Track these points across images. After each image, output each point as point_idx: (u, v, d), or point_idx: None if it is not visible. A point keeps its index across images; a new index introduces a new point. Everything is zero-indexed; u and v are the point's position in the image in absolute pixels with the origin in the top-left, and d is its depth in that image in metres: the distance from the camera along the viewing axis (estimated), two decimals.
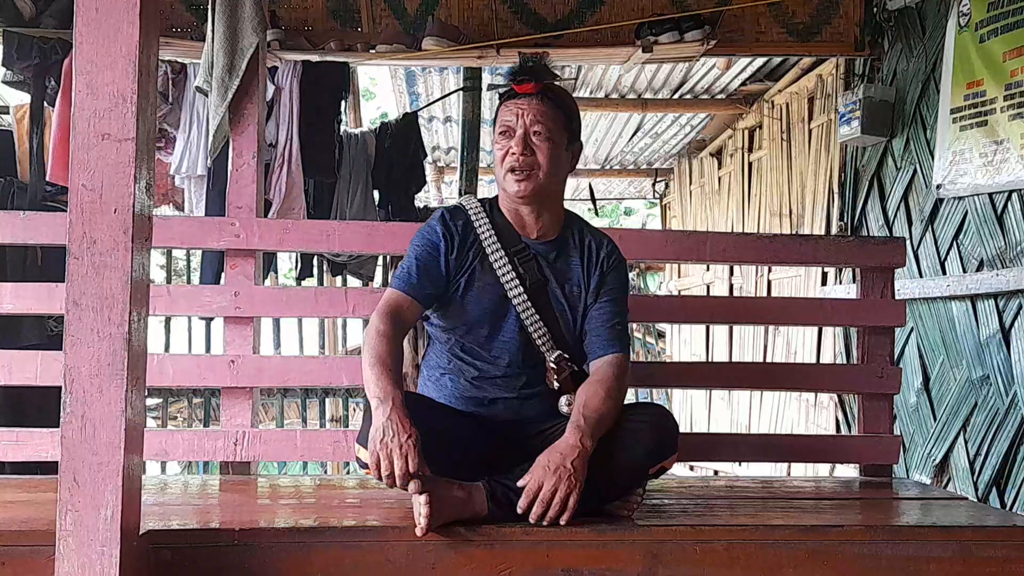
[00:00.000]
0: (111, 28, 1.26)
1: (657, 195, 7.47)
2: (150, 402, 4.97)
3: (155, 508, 1.61)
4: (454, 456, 1.58)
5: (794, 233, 4.37)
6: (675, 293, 6.54)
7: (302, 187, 3.71)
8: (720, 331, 5.58)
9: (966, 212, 3.05)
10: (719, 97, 5.25)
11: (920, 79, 3.36)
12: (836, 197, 4.03)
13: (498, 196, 1.79)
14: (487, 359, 1.71)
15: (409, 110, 4.86)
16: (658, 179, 7.21)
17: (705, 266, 5.80)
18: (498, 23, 3.51)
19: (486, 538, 1.47)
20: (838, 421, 3.96)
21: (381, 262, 4.43)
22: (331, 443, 2.12)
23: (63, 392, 1.24)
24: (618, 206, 11.66)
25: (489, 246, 1.71)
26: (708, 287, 5.91)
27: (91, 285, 1.25)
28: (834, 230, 4.00)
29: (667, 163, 7.01)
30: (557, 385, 1.69)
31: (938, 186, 3.16)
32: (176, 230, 2.19)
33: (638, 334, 6.91)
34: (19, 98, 3.86)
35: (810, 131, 4.41)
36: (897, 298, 2.23)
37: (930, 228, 3.26)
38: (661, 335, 7.16)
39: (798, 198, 4.51)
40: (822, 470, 3.76)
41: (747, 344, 5.09)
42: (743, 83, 5.00)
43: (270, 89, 3.56)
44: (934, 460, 3.18)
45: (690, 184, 6.54)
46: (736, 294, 5.33)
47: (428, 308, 1.72)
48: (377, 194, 4.18)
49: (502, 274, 1.70)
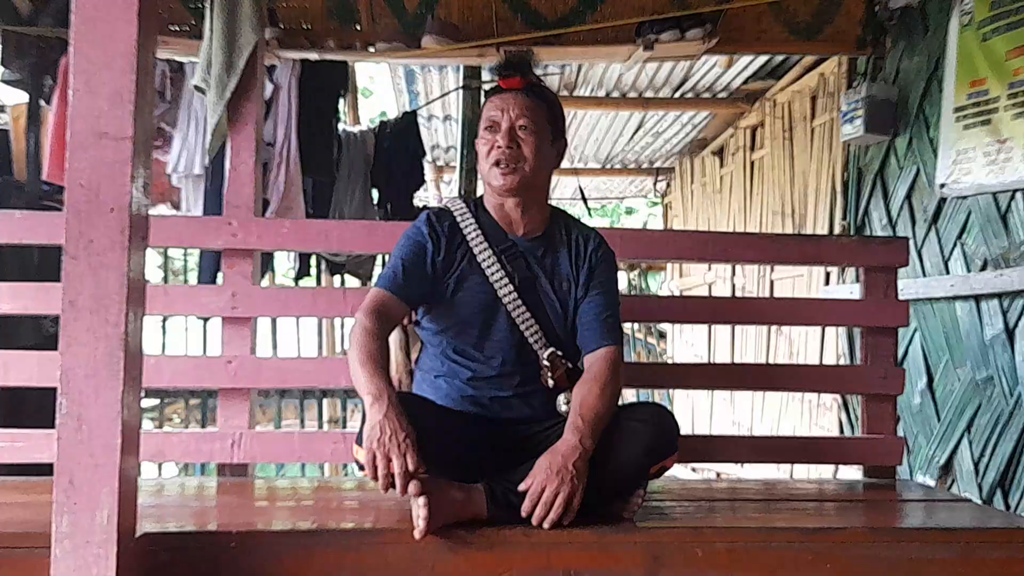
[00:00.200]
0: (108, 26, 1.25)
1: (658, 194, 7.45)
2: (146, 403, 4.96)
3: (152, 510, 1.60)
4: (453, 457, 1.56)
5: (796, 233, 4.36)
6: (677, 293, 6.53)
7: (300, 186, 3.70)
8: (722, 331, 5.57)
9: (970, 211, 3.04)
10: (721, 96, 5.24)
11: (923, 78, 3.35)
12: (839, 196, 4.01)
13: (483, 195, 1.78)
14: (480, 359, 1.70)
15: (408, 109, 4.84)
16: (659, 178, 7.20)
17: (707, 266, 5.79)
18: (498, 21, 3.49)
19: (486, 540, 1.45)
20: (841, 422, 3.95)
21: (380, 262, 4.42)
22: (329, 445, 2.11)
23: (59, 393, 1.22)
24: (619, 205, 11.65)
25: (476, 246, 1.70)
26: (710, 287, 5.89)
27: (87, 285, 1.23)
28: (837, 229, 3.99)
29: (668, 162, 7.00)
30: (552, 383, 1.68)
31: (941, 185, 3.14)
32: (173, 229, 2.18)
33: (639, 335, 6.90)
34: (16, 97, 3.85)
35: (812, 130, 4.40)
36: (900, 298, 2.22)
37: (933, 228, 3.24)
38: (662, 335, 7.14)
39: (800, 197, 4.50)
40: (825, 472, 3.74)
41: (749, 345, 5.08)
42: (745, 81, 4.99)
43: (268, 88, 3.54)
44: (938, 462, 3.17)
45: (691, 183, 6.53)
46: (738, 294, 5.32)
47: (413, 308, 1.72)
48: (376, 193, 4.16)
49: (490, 273, 1.69)
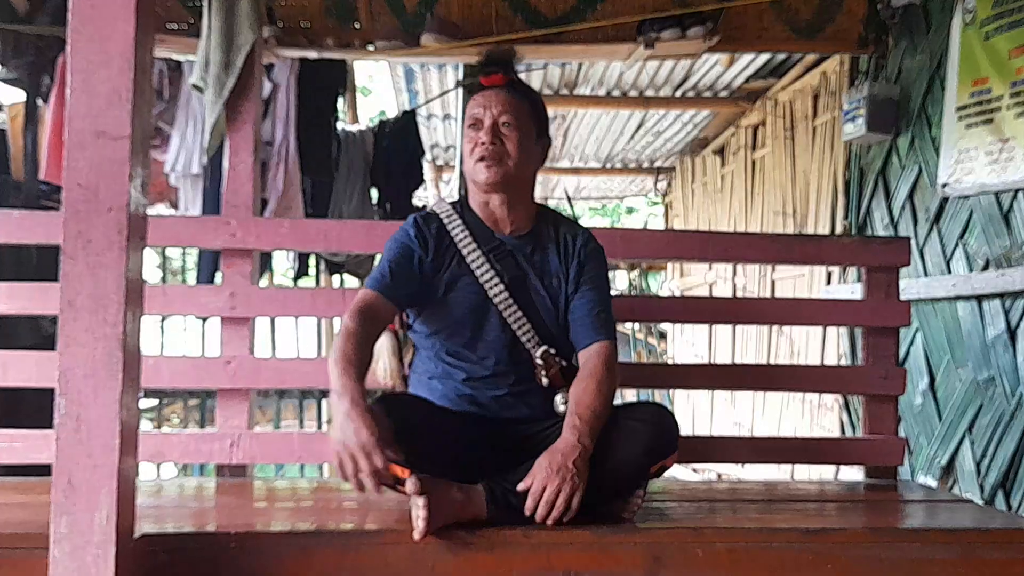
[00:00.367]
0: (106, 25, 1.24)
1: (659, 194, 7.45)
2: (145, 404, 4.96)
3: (150, 511, 1.59)
4: (452, 457, 1.56)
5: (798, 232, 4.35)
6: (677, 293, 6.52)
7: (299, 186, 3.69)
8: (723, 331, 5.57)
9: (972, 211, 3.03)
10: (722, 94, 5.23)
11: (925, 76, 3.34)
12: (840, 196, 4.00)
13: (468, 194, 1.77)
14: (473, 360, 1.69)
15: (408, 108, 4.83)
16: (660, 177, 7.19)
17: (707, 266, 5.78)
18: (497, 19, 3.49)
19: (486, 541, 1.45)
20: (842, 423, 3.94)
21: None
22: (328, 445, 2.09)
23: (57, 394, 1.22)
24: (619, 205, 11.65)
25: (465, 247, 1.70)
26: (711, 287, 5.89)
27: (86, 285, 1.23)
28: (838, 229, 3.98)
29: (669, 161, 6.99)
30: (546, 381, 1.68)
31: (943, 185, 3.14)
32: (172, 229, 2.17)
33: (639, 335, 6.89)
34: (13, 96, 3.85)
35: (814, 129, 4.39)
36: (902, 298, 2.21)
37: (935, 227, 3.24)
38: (663, 336, 7.14)
39: (802, 196, 4.49)
40: (826, 472, 3.74)
41: (750, 345, 5.07)
42: (746, 80, 4.98)
43: (267, 87, 3.53)
44: (939, 462, 3.16)
45: (692, 182, 6.52)
46: (739, 294, 5.31)
47: (402, 309, 1.71)
48: (375, 192, 4.16)
49: (480, 273, 1.68)
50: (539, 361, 1.68)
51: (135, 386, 1.29)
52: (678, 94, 5.20)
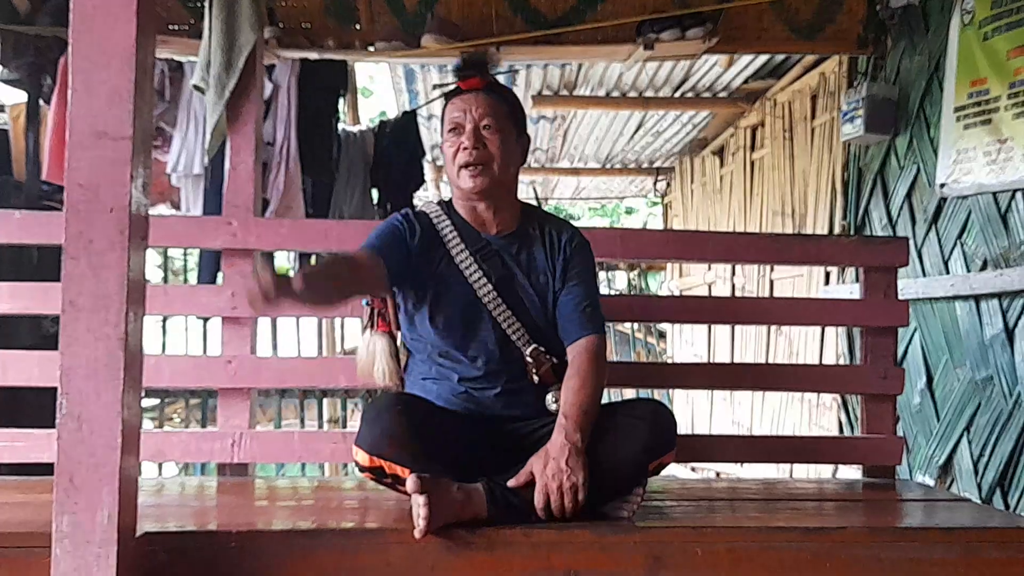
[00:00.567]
0: (107, 26, 1.24)
1: (658, 194, 7.45)
2: (146, 403, 4.97)
3: (152, 510, 1.59)
4: (452, 457, 1.56)
5: (797, 232, 4.35)
6: (676, 293, 6.52)
7: (300, 186, 3.69)
8: (722, 331, 5.57)
9: (970, 211, 3.04)
10: (721, 95, 5.23)
11: (923, 77, 3.35)
12: (839, 196, 4.01)
13: (452, 197, 1.78)
14: (465, 361, 1.70)
15: (408, 108, 4.84)
16: (659, 178, 7.20)
17: (707, 266, 5.79)
18: (498, 20, 3.49)
19: (486, 540, 1.45)
20: (840, 422, 3.95)
21: None
22: (329, 444, 2.10)
23: (59, 393, 1.22)
24: (619, 205, 11.65)
25: (453, 247, 1.71)
26: (710, 287, 5.89)
27: (87, 285, 1.23)
28: (837, 229, 3.99)
29: (668, 162, 7.00)
30: (537, 379, 1.69)
31: (942, 185, 3.14)
32: (173, 229, 2.18)
33: (639, 334, 6.90)
34: (15, 96, 3.85)
35: (813, 129, 4.39)
36: (900, 298, 2.22)
37: (934, 227, 3.24)
38: (662, 335, 7.15)
39: (801, 197, 4.49)
40: (825, 471, 3.74)
41: (749, 344, 5.08)
42: (745, 81, 4.99)
43: (268, 87, 3.54)
44: (937, 461, 3.17)
45: (692, 183, 6.53)
46: (738, 294, 5.32)
47: (388, 273, 1.65)
48: (376, 193, 4.16)
49: (468, 273, 1.69)
50: (529, 359, 1.69)
51: (136, 385, 1.29)
52: (677, 95, 5.21)
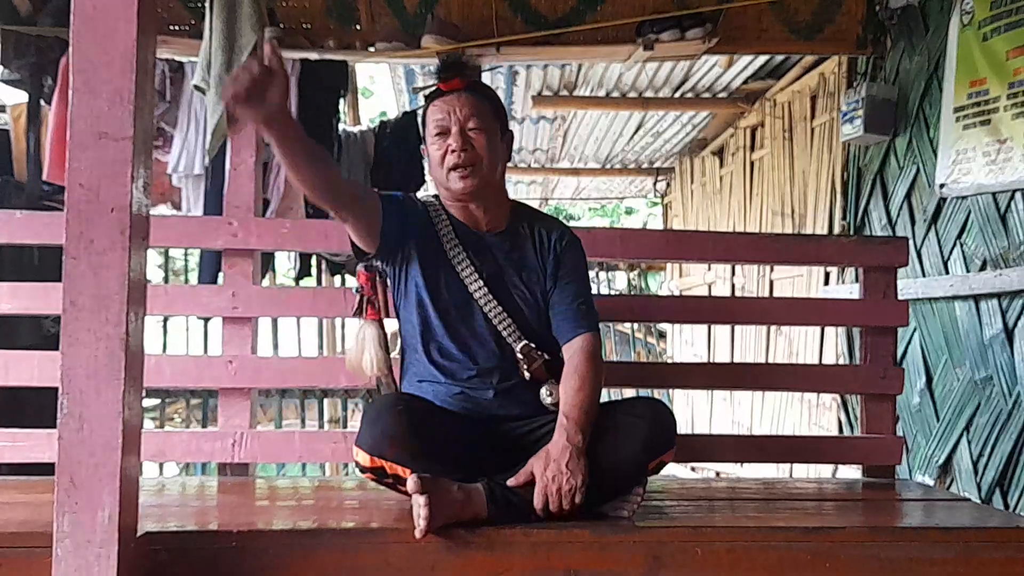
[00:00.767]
0: (108, 26, 1.24)
1: (658, 194, 7.46)
2: (147, 403, 4.97)
3: (153, 509, 1.60)
4: (452, 457, 1.57)
5: (796, 232, 4.35)
6: (676, 293, 6.53)
7: None
8: (722, 331, 5.57)
9: (969, 211, 3.04)
10: (720, 95, 5.24)
11: (923, 77, 3.35)
12: (838, 196, 4.01)
13: (439, 197, 1.78)
14: (458, 358, 1.71)
15: (408, 109, 4.84)
16: (659, 178, 7.20)
17: (707, 266, 5.79)
18: (498, 21, 3.49)
19: (486, 540, 1.46)
20: (840, 422, 3.95)
21: None
22: (330, 444, 2.11)
23: (60, 393, 1.22)
24: (619, 205, 11.65)
25: (447, 241, 1.71)
26: (710, 287, 5.90)
27: (88, 285, 1.23)
28: (836, 229, 3.99)
29: (668, 162, 7.00)
30: (528, 375, 1.69)
31: (941, 185, 3.14)
32: (174, 229, 2.18)
33: (639, 334, 6.90)
34: (16, 97, 3.85)
35: (812, 130, 4.40)
36: (900, 298, 2.22)
37: (933, 228, 3.24)
38: (662, 335, 7.15)
39: (800, 197, 4.50)
40: (824, 471, 3.74)
41: (749, 344, 5.08)
42: (745, 81, 4.99)
43: None
44: (937, 461, 3.17)
45: (691, 183, 6.53)
46: (738, 294, 5.32)
47: (381, 216, 1.66)
48: None
49: (460, 269, 1.70)
50: (519, 355, 1.69)
51: (137, 385, 1.29)
52: (677, 95, 5.21)
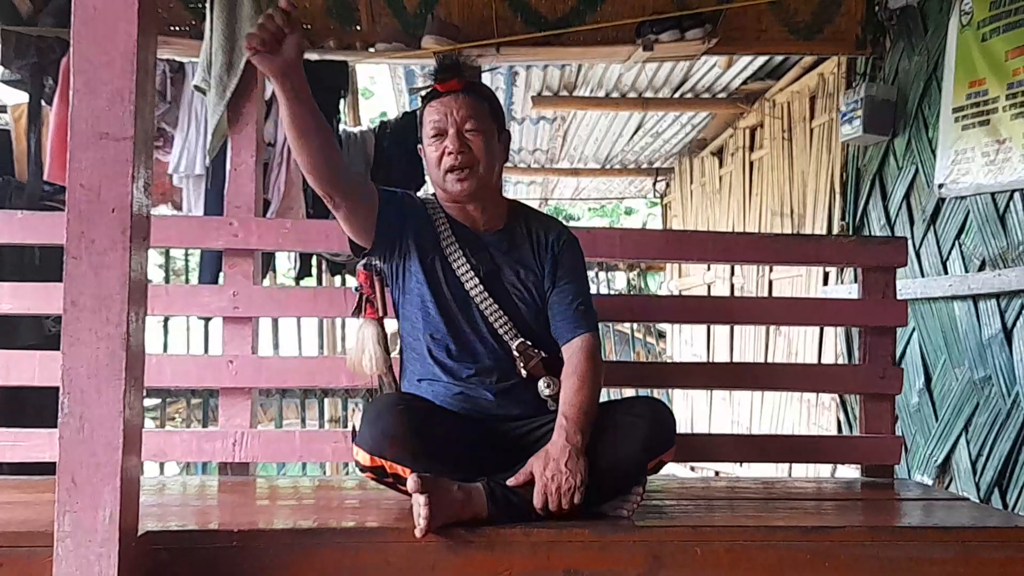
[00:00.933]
0: (109, 26, 1.25)
1: (658, 194, 7.46)
2: (148, 403, 4.97)
3: (153, 509, 1.60)
4: (452, 456, 1.57)
5: (795, 233, 4.36)
6: (676, 293, 6.53)
7: (301, 186, 3.69)
8: (721, 331, 5.57)
9: (968, 212, 3.04)
10: (720, 96, 5.24)
11: (922, 78, 3.35)
12: (838, 196, 4.02)
13: (436, 196, 1.78)
14: (456, 357, 1.71)
15: (408, 109, 4.84)
16: (659, 178, 7.20)
17: (706, 266, 5.79)
18: (498, 21, 3.49)
19: (486, 540, 1.46)
20: (839, 422, 3.95)
21: None
22: (330, 444, 2.11)
23: (61, 393, 1.23)
24: (619, 205, 11.66)
25: (445, 239, 1.72)
26: (709, 287, 5.90)
27: (89, 285, 1.24)
28: (835, 230, 3.99)
29: (668, 162, 7.00)
30: (525, 373, 1.69)
31: (940, 185, 3.15)
32: (174, 229, 2.19)
33: (639, 334, 6.90)
34: (17, 97, 3.85)
35: (811, 130, 4.40)
36: (899, 298, 2.23)
37: (932, 228, 3.25)
38: (662, 335, 7.15)
39: (799, 197, 4.50)
40: (823, 471, 3.75)
41: (748, 344, 5.08)
42: (744, 82, 4.99)
43: (269, 88, 3.54)
44: (936, 461, 3.17)
45: (691, 183, 6.53)
46: (737, 294, 5.33)
47: (379, 207, 1.67)
48: None
49: (457, 267, 1.70)
50: (516, 353, 1.69)
51: (138, 385, 1.30)
52: (677, 96, 5.21)
